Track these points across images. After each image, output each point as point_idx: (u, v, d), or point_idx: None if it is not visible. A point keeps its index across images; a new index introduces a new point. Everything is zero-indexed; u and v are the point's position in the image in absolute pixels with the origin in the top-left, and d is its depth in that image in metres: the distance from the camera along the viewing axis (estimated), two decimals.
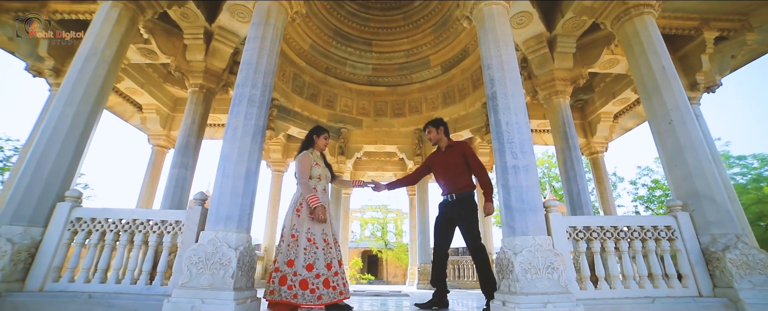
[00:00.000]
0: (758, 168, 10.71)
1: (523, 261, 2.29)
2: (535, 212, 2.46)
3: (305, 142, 2.96)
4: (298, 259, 2.45)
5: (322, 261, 2.51)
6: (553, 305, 2.15)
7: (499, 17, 3.14)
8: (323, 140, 2.92)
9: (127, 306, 2.21)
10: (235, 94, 2.76)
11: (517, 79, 2.88)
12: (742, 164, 10.94)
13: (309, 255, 2.48)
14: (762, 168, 10.69)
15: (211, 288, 2.14)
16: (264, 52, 2.92)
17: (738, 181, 10.82)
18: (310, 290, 2.39)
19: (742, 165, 10.99)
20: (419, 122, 7.80)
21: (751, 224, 10.16)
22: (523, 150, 2.61)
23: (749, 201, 10.21)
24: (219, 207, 2.39)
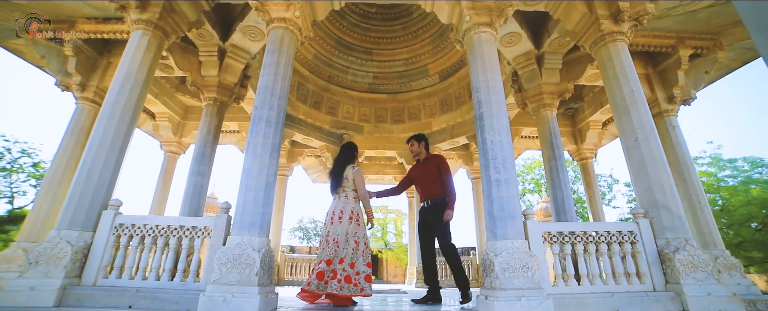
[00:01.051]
0: (748, 171, 11.14)
1: (502, 261, 2.74)
2: (513, 219, 2.91)
3: (349, 157, 3.45)
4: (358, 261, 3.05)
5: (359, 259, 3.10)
6: (526, 299, 2.60)
7: (488, 45, 3.58)
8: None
9: (169, 299, 2.66)
10: (254, 116, 3.21)
11: (501, 101, 3.33)
12: (732, 167, 11.36)
13: (355, 254, 3.06)
14: (752, 170, 11.11)
15: (239, 284, 2.60)
16: (278, 77, 3.37)
17: (729, 183, 11.25)
18: (354, 284, 2.95)
19: (733, 168, 11.41)
20: (418, 128, 8.24)
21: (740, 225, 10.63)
22: (504, 165, 3.06)
23: (738, 203, 10.65)
24: (243, 216, 2.84)
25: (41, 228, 4.41)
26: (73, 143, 4.83)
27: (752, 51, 5.17)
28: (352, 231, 3.14)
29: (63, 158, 4.75)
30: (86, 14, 4.78)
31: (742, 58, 5.29)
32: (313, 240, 25.90)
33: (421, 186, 3.55)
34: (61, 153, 4.76)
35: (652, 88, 5.38)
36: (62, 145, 4.81)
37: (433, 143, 8.04)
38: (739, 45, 5.07)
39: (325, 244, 3.13)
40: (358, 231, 3.16)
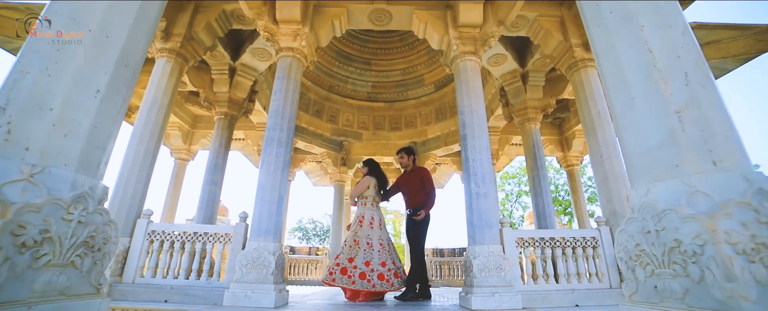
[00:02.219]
0: None
1: (479, 263, 3.29)
2: (490, 227, 3.46)
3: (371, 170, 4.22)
4: (358, 257, 3.64)
5: (378, 259, 3.66)
6: (498, 295, 3.15)
7: (472, 71, 4.12)
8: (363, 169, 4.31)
9: (198, 295, 3.21)
10: (266, 137, 3.75)
11: (483, 124, 3.87)
12: None
13: (366, 254, 3.65)
14: None
15: (257, 282, 3.14)
16: (287, 102, 3.91)
17: None
18: (368, 280, 3.53)
19: None
20: (414, 136, 8.80)
21: None
22: (484, 181, 3.61)
23: None
24: (260, 224, 3.39)
25: None
26: None
27: (719, 69, 5.71)
28: (352, 232, 3.79)
29: None
30: None
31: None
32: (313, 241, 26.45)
33: (406, 194, 4.11)
34: None
35: None
36: None
37: (429, 150, 8.60)
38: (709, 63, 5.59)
39: (369, 247, 3.71)
40: (360, 231, 3.84)
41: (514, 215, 17.35)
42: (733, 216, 1.02)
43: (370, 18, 4.60)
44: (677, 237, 1.10)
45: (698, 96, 1.22)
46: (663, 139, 1.25)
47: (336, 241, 9.12)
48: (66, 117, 1.20)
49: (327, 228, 25.81)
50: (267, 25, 4.11)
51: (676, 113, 1.23)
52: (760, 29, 4.71)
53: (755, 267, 0.95)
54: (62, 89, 1.20)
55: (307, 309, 3.11)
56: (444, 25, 4.36)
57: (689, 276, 1.06)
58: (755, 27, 4.72)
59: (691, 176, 1.15)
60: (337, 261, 3.68)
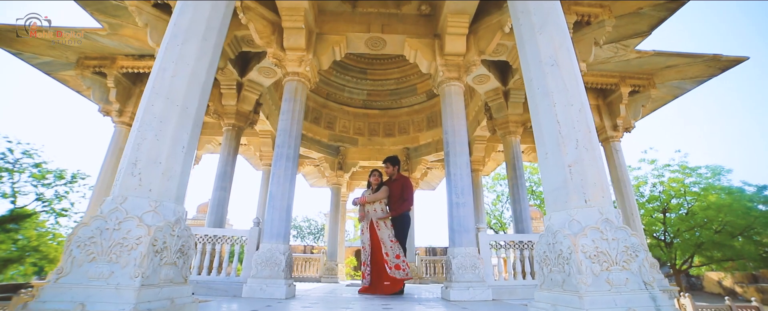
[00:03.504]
0: (710, 178, 12.62)
1: (457, 262, 3.99)
2: (467, 232, 4.16)
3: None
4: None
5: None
6: (472, 288, 3.85)
7: (456, 96, 4.80)
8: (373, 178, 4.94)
9: (220, 288, 3.87)
10: (276, 153, 4.39)
11: (464, 143, 4.56)
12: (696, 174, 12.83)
13: (365, 256, 4.48)
14: (713, 178, 12.60)
15: (270, 278, 3.81)
16: (294, 122, 4.55)
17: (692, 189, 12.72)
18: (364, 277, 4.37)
19: (697, 175, 12.89)
20: (407, 142, 9.49)
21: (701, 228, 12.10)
22: (463, 192, 4.31)
23: (699, 208, 12.13)
24: (271, 228, 4.05)
25: None
26: (114, 161, 5.97)
27: (680, 89, 6.47)
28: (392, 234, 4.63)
29: (107, 174, 5.89)
30: (125, 52, 5.89)
31: (672, 93, 6.59)
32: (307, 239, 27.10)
33: (389, 201, 4.78)
34: (105, 169, 5.90)
35: (601, 117, 6.67)
36: (105, 162, 5.95)
37: (420, 155, 9.30)
38: (670, 83, 6.36)
39: (364, 251, 4.52)
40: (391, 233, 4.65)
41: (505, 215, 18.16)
42: (587, 236, 1.71)
43: (367, 44, 5.24)
44: (561, 248, 1.79)
45: (582, 156, 1.91)
46: (560, 184, 1.94)
47: (333, 240, 9.80)
48: (168, 167, 1.84)
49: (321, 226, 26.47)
50: (276, 53, 4.74)
51: (568, 167, 1.92)
52: (708, 57, 5.47)
53: (593, 265, 1.64)
54: (165, 149, 1.85)
55: (312, 299, 3.79)
56: (432, 53, 5.03)
57: (564, 271, 1.75)
58: (704, 55, 5.47)
59: (572, 209, 1.84)
60: None
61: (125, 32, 5.30)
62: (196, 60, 2.08)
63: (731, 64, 5.64)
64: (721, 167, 12.63)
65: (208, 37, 2.19)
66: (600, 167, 1.92)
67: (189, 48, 2.07)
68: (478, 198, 9.07)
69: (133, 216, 1.64)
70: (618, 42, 5.38)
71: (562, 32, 2.26)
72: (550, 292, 1.86)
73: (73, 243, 1.58)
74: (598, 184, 1.86)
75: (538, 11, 2.34)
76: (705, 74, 5.97)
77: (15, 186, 14.49)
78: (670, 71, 6.07)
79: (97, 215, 1.66)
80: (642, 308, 1.58)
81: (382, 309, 2.94)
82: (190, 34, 2.11)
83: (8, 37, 5.46)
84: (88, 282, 1.52)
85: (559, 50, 2.18)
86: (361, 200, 4.75)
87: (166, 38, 2.11)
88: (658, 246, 13.07)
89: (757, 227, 11.14)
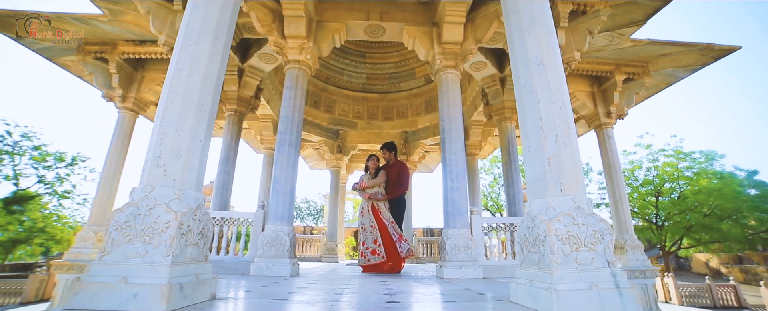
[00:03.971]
0: (703, 163, 12.93)
1: (451, 243, 4.29)
2: (461, 215, 4.44)
3: None
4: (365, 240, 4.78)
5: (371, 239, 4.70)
6: (465, 267, 4.17)
7: (452, 84, 4.97)
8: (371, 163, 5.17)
9: (229, 267, 4.18)
10: (279, 140, 4.60)
11: (459, 130, 4.77)
12: (690, 159, 13.14)
13: (365, 236, 4.74)
14: (706, 163, 12.91)
15: (276, 257, 4.11)
16: (296, 109, 4.74)
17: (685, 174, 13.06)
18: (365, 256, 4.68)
19: (692, 160, 13.20)
20: (405, 125, 9.68)
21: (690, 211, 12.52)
22: (457, 177, 4.56)
23: (689, 193, 12.51)
24: (276, 211, 4.31)
25: (104, 214, 5.85)
26: (119, 146, 6.18)
27: (674, 77, 6.63)
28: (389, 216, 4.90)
29: (113, 158, 6.11)
30: (126, 38, 5.97)
31: (666, 81, 6.75)
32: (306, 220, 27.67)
33: (387, 185, 5.04)
34: (111, 153, 6.11)
35: (596, 104, 6.86)
36: (111, 147, 6.15)
37: (418, 139, 9.53)
38: (664, 71, 6.51)
39: (363, 231, 4.79)
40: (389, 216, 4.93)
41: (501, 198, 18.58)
42: (561, 221, 1.97)
43: (366, 32, 5.35)
44: (538, 231, 2.05)
45: (561, 150, 2.14)
46: (540, 175, 2.17)
47: (333, 222, 10.16)
48: (188, 159, 2.07)
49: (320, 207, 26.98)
50: (277, 41, 4.86)
51: (548, 159, 2.15)
52: (702, 46, 5.61)
53: (564, 247, 1.91)
54: (185, 142, 2.07)
55: (314, 277, 4.11)
56: (430, 41, 5.15)
57: (540, 252, 2.02)
58: (698, 44, 5.61)
59: (549, 198, 2.09)
60: None
61: (126, 18, 5.38)
62: (209, 59, 2.26)
63: (724, 53, 5.79)
64: (714, 152, 12.94)
65: (218, 35, 2.36)
66: (576, 160, 2.16)
67: (202, 48, 2.25)
68: (474, 182, 9.38)
69: (161, 204, 1.88)
70: (613, 30, 5.50)
71: (549, 33, 2.44)
72: (528, 270, 2.13)
73: (111, 226, 1.83)
74: (573, 176, 2.10)
75: (526, 11, 2.51)
76: (698, 62, 6.12)
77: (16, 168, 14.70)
78: (665, 59, 6.21)
79: (130, 202, 1.89)
80: (603, 283, 1.86)
81: (381, 285, 3.25)
82: (202, 34, 2.28)
83: (8, 22, 5.53)
84: (127, 260, 1.77)
85: (545, 50, 2.37)
86: (361, 185, 5.00)
87: (179, 38, 2.29)
88: (650, 228, 13.55)
89: (744, 211, 11.55)
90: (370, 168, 5.14)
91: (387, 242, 4.70)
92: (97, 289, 1.67)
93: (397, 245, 4.66)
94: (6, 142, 14.51)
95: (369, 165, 5.18)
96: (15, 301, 7.69)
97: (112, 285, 1.68)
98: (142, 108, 6.52)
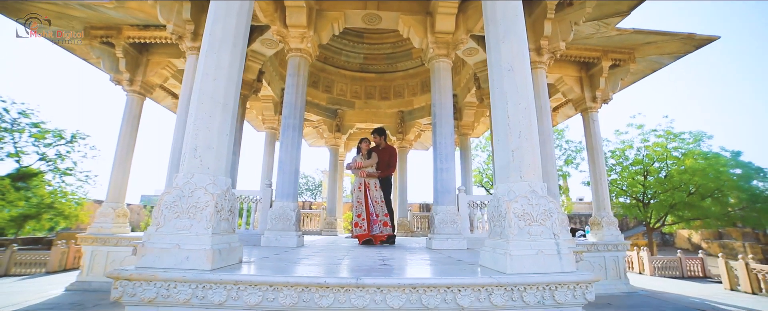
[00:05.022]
0: (691, 143, 13.52)
1: (439, 218, 4.90)
2: (449, 193, 5.02)
3: None
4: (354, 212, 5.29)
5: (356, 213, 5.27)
6: (451, 239, 4.79)
7: (444, 71, 5.40)
8: (363, 145, 5.61)
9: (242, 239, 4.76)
10: (283, 124, 5.08)
11: (449, 115, 5.25)
12: (679, 139, 13.70)
13: (354, 209, 5.24)
14: (693, 143, 13.49)
15: (283, 230, 4.71)
16: (298, 95, 5.19)
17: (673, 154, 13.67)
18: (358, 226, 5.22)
19: (681, 140, 13.77)
20: (402, 105, 10.11)
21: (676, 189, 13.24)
22: (446, 159, 5.10)
23: (675, 172, 13.17)
24: (282, 189, 4.87)
25: (119, 192, 6.40)
26: (129, 128, 6.64)
27: (659, 63, 7.04)
28: (379, 195, 5.40)
29: (124, 139, 6.58)
30: (130, 22, 6.28)
31: (651, 68, 7.18)
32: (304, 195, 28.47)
33: (378, 166, 5.59)
34: (123, 135, 6.59)
35: (582, 89, 7.31)
36: (122, 129, 6.62)
37: (414, 119, 9.99)
38: (649, 58, 6.92)
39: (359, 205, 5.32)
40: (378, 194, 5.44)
41: None
42: (518, 202, 2.52)
43: (364, 20, 5.69)
44: (501, 209, 2.61)
45: (523, 144, 2.65)
46: (505, 163, 2.70)
47: (332, 197, 10.80)
48: (218, 150, 2.57)
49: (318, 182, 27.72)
50: (279, 30, 5.22)
51: (512, 151, 2.67)
52: (684, 36, 6.01)
53: (520, 222, 2.47)
54: (215, 137, 2.56)
55: (318, 247, 4.73)
56: (424, 30, 5.52)
57: (501, 226, 2.59)
58: (680, 34, 6.01)
59: (511, 183, 2.63)
60: None
61: (130, 5, 5.68)
62: (229, 65, 2.71)
63: (704, 42, 6.19)
64: (702, 133, 13.48)
65: (236, 43, 2.79)
66: (535, 153, 2.68)
67: (223, 55, 2.70)
68: (467, 160, 9.96)
69: (201, 187, 2.40)
70: (600, 20, 5.86)
71: (521, 42, 2.89)
72: (493, 240, 2.71)
73: (163, 205, 2.36)
74: (531, 165, 2.63)
75: (503, 22, 2.93)
76: (681, 50, 6.52)
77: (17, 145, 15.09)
78: (650, 47, 6.61)
79: (174, 186, 2.42)
80: (548, 250, 2.43)
81: (376, 253, 3.86)
82: (223, 42, 2.72)
83: (15, 7, 5.81)
84: (177, 231, 2.32)
85: (516, 58, 2.83)
86: (356, 165, 5.54)
87: (204, 46, 2.72)
88: (637, 206, 14.31)
89: (725, 189, 12.26)
90: (363, 150, 5.63)
91: (368, 218, 5.28)
92: (158, 252, 2.23)
93: (374, 224, 5.23)
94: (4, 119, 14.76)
95: (362, 146, 5.67)
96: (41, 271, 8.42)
97: (169, 249, 2.24)
98: (149, 91, 6.91)
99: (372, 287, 2.10)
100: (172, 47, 6.66)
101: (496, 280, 2.21)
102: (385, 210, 5.39)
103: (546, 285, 2.26)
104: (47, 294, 5.68)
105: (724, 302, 6.13)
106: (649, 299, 6.07)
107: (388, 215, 5.39)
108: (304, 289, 2.09)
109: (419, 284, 2.14)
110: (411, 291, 2.13)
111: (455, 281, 2.18)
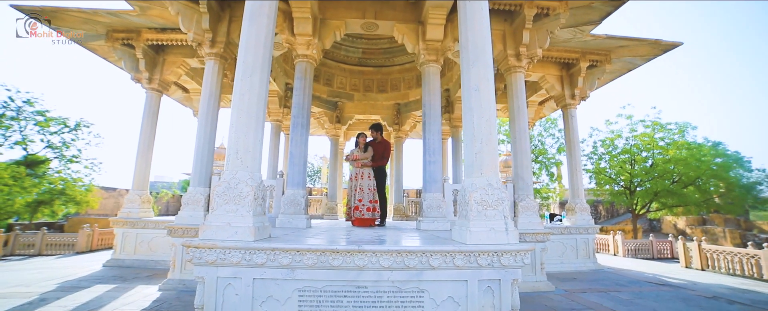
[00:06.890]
0: (676, 134, 14.49)
1: (427, 204, 5.88)
2: (436, 182, 5.98)
3: None
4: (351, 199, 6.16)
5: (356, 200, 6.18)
6: (436, 221, 5.78)
7: (434, 75, 6.28)
8: (361, 139, 6.43)
9: None
10: (293, 123, 6.00)
11: (437, 115, 6.16)
12: (665, 129, 14.65)
13: (354, 197, 6.14)
14: (678, 134, 14.46)
15: (294, 214, 5.69)
16: (305, 97, 6.08)
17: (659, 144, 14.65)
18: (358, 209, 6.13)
19: (667, 130, 14.72)
20: (398, 98, 10.97)
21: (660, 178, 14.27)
22: (434, 153, 6.04)
23: (660, 161, 14.18)
24: (292, 179, 5.83)
25: (143, 180, 7.36)
26: (149, 123, 7.54)
27: (632, 64, 7.92)
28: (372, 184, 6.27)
29: (145, 133, 7.49)
30: (149, 26, 7.08)
31: (626, 68, 8.06)
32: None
33: (374, 157, 6.53)
34: (144, 129, 7.49)
35: (563, 86, 8.20)
36: (143, 124, 7.51)
37: (410, 111, 10.88)
38: (624, 59, 7.79)
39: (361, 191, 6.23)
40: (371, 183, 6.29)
41: None
42: (478, 192, 3.48)
43: (362, 27, 6.53)
44: (465, 198, 3.57)
45: (484, 148, 3.59)
46: (470, 162, 3.65)
47: (333, 184, 11.79)
48: (254, 153, 3.50)
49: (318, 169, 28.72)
50: (288, 38, 6.07)
51: (475, 154, 3.61)
52: (651, 41, 6.89)
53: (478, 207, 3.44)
54: (250, 142, 3.49)
55: (323, 228, 5.74)
56: (416, 37, 6.37)
57: (465, 210, 3.55)
58: (648, 40, 6.88)
59: (474, 178, 3.58)
60: None
61: (152, 13, 6.48)
62: (259, 86, 3.61)
63: (670, 47, 7.06)
64: (687, 124, 14.42)
65: (264, 68, 3.69)
66: (494, 155, 3.62)
67: (254, 79, 3.59)
68: (458, 150, 10.91)
69: (243, 181, 3.35)
70: (576, 27, 6.71)
71: (487, 68, 3.78)
72: (461, 220, 3.69)
73: (216, 194, 3.31)
74: (490, 164, 3.58)
75: (473, 50, 3.82)
76: (651, 54, 7.40)
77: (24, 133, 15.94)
78: (623, 50, 7.48)
79: (223, 180, 3.37)
80: (498, 228, 3.40)
81: (373, 232, 4.86)
82: (254, 68, 3.61)
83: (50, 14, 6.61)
84: (226, 214, 3.28)
85: (482, 80, 3.73)
86: (354, 157, 6.49)
87: (238, 71, 3.62)
88: (623, 194, 15.38)
89: (704, 178, 13.31)
90: (360, 143, 6.53)
91: (363, 204, 6.23)
92: (215, 229, 3.20)
93: (367, 210, 6.17)
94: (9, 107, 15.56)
95: (359, 140, 6.58)
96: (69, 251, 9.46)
97: (222, 226, 3.21)
98: (166, 88, 7.77)
99: (370, 252, 3.09)
100: (185, 48, 7.48)
101: (459, 248, 3.19)
102: (376, 198, 6.32)
103: (495, 252, 3.25)
104: (89, 269, 6.72)
105: (673, 276, 7.21)
106: (611, 275, 7.14)
107: (377, 202, 6.32)
108: (322, 253, 3.07)
109: (403, 250, 3.12)
110: (397, 254, 3.12)
111: (429, 248, 3.16)
